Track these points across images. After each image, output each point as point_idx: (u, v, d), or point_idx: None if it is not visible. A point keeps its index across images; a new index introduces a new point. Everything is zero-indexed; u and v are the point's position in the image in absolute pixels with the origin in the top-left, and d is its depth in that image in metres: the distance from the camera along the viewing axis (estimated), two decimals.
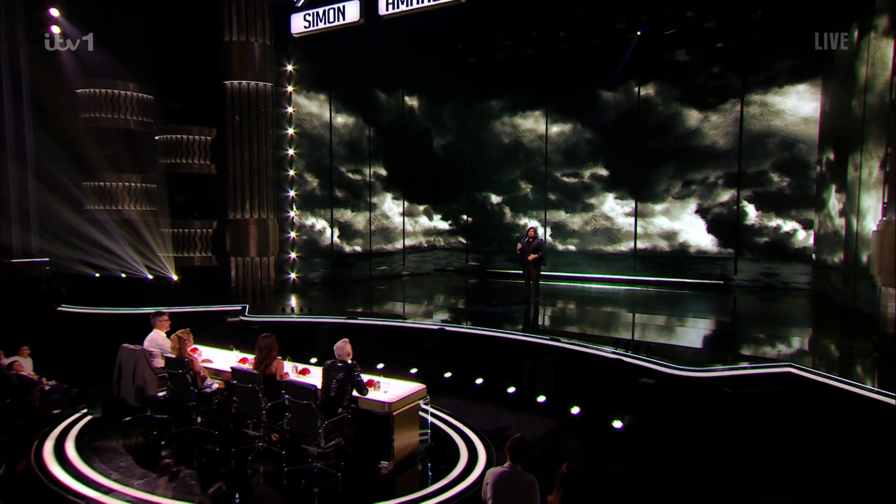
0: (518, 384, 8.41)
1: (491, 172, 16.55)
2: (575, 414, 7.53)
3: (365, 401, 6.09)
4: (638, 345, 7.93)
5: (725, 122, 13.54)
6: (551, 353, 8.30)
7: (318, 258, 14.59)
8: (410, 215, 16.97)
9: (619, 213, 14.95)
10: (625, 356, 7.66)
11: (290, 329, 10.18)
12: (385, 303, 12.24)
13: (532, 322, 10.17)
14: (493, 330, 9.24)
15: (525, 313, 10.81)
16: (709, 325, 9.99)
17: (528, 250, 11.20)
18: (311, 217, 14.48)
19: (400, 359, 9.41)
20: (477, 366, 8.87)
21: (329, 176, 14.71)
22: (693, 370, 7.03)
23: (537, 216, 16.03)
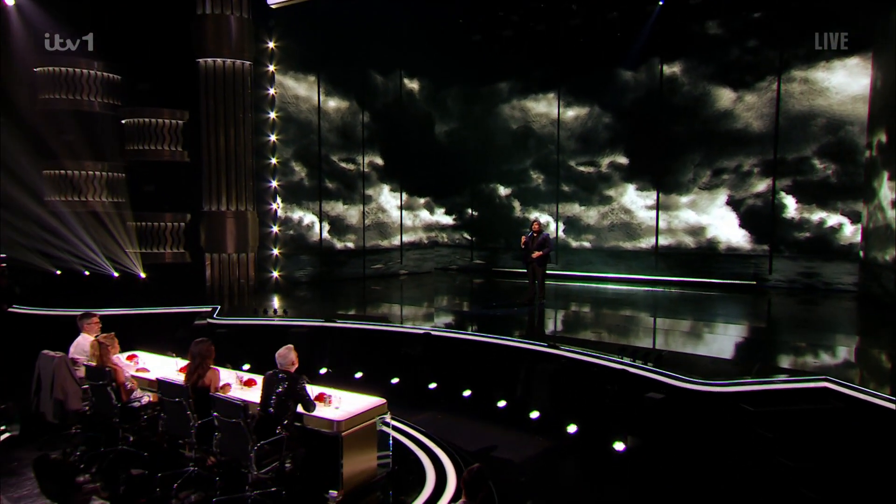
0: (510, 397, 7.97)
1: (499, 162, 16.33)
2: (571, 433, 7.09)
3: (311, 418, 5.49)
4: (647, 353, 7.38)
5: (762, 102, 13.09)
6: (549, 362, 7.84)
7: (306, 255, 14.36)
8: (409, 209, 16.76)
9: (639, 206, 14.61)
10: (630, 366, 7.13)
11: (261, 333, 9.93)
12: (379, 304, 11.97)
13: (535, 326, 9.86)
14: (484, 335, 8.83)
15: (527, 316, 10.50)
16: (736, 331, 9.52)
17: (532, 246, 10.89)
18: (298, 210, 14.26)
19: (380, 367, 9.14)
20: (465, 376, 8.50)
21: (318, 165, 14.41)
22: (709, 384, 6.46)
23: (549, 209, 15.77)
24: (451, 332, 9.15)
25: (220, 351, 8.82)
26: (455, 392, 8.41)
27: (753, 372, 6.82)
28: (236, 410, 5.01)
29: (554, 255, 14.90)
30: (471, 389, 8.34)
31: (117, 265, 12.09)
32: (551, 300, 11.91)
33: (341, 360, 9.39)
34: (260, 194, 13.31)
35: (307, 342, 9.52)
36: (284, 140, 13.81)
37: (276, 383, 5.46)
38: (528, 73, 15.69)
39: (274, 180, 13.57)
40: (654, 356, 7.30)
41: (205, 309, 10.80)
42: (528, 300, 11.10)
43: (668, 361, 7.21)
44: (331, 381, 8.54)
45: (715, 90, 13.60)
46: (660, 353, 7.44)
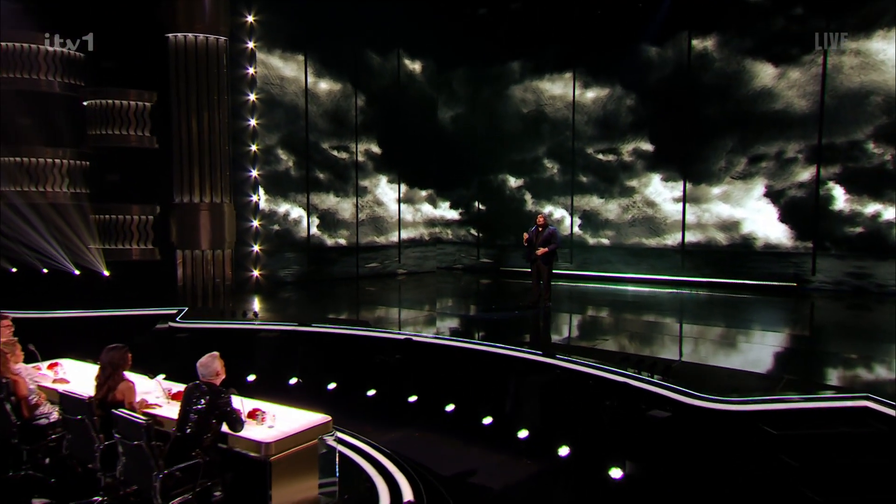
0: (497, 413, 7.62)
1: (509, 150, 16.14)
2: (563, 456, 6.68)
3: (237, 440, 4.96)
4: (653, 364, 6.90)
5: (806, 78, 12.66)
6: (542, 372, 7.47)
7: (292, 252, 14.20)
8: (410, 202, 16.65)
9: (665, 199, 14.32)
10: (633, 379, 6.65)
11: (226, 338, 9.63)
12: (374, 307, 11.79)
13: (535, 332, 9.67)
14: (472, 342, 8.54)
15: (529, 321, 10.27)
16: (770, 339, 9.09)
17: (536, 242, 10.61)
18: (284, 203, 14.09)
19: (356, 378, 8.87)
20: (449, 387, 8.18)
21: (305, 153, 14.20)
22: (724, 401, 5.94)
23: (564, 202, 15.50)
24: (434, 337, 8.82)
25: (179, 359, 9.02)
26: (437, 406, 8.09)
27: (779, 387, 6.33)
28: (138, 430, 4.50)
29: (568, 254, 14.98)
30: (454, 403, 8.01)
31: (78, 262, 11.75)
32: (561, 303, 11.76)
33: (313, 369, 9.08)
34: (238, 185, 13.11)
35: (277, 349, 9.30)
36: (267, 125, 13.59)
37: (195, 397, 4.95)
38: (540, 50, 15.45)
39: (254, 169, 13.37)
40: (661, 367, 6.80)
41: (170, 311, 10.49)
42: (531, 303, 10.90)
43: (678, 374, 6.77)
44: (300, 393, 8.68)
45: (752, 66, 13.17)
46: (668, 363, 6.96)
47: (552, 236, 10.58)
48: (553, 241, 10.57)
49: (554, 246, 10.60)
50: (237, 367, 8.76)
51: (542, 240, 10.57)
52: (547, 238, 10.58)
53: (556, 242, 10.62)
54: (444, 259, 17.26)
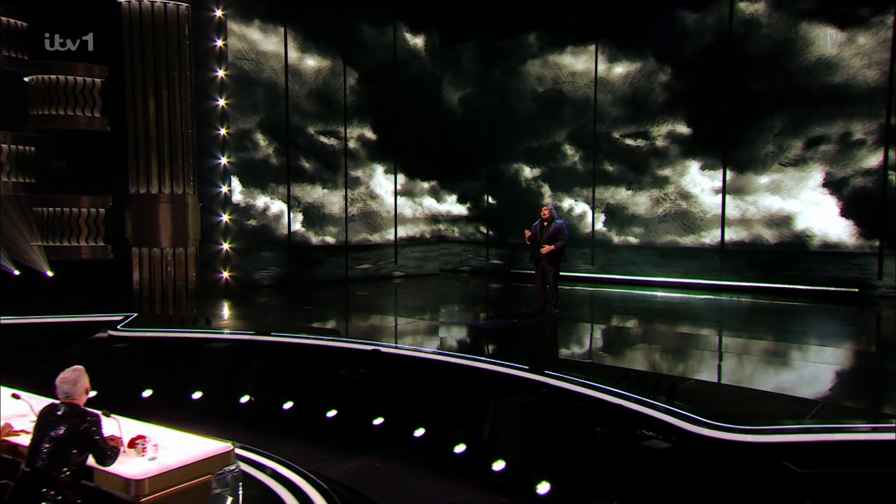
0: (473, 439, 7.28)
1: (524, 135, 16.03)
2: (542, 494, 6.27)
3: (105, 475, 4.45)
4: (656, 382, 6.39)
5: (874, 44, 12.16)
6: (525, 392, 7.07)
7: (269, 251, 14.10)
8: (409, 195, 16.61)
9: (704, 189, 13.98)
10: (630, 400, 6.15)
11: (172, 348, 9.44)
12: (360, 314, 11.71)
13: (533, 344, 9.50)
14: (446, 354, 8.21)
15: (529, 331, 10.12)
16: (819, 355, 8.58)
17: (540, 238, 10.27)
18: (263, 195, 13.99)
19: (316, 395, 8.63)
20: (420, 408, 7.92)
21: (285, 138, 14.14)
22: (738, 430, 5.39)
23: (588, 195, 15.29)
24: (405, 349, 8.53)
25: (116, 373, 8.91)
26: (406, 430, 7.83)
27: (810, 414, 5.73)
28: None
29: (589, 254, 15.07)
30: (425, 427, 7.73)
31: (18, 261, 11.66)
32: (576, 310, 11.70)
33: (269, 385, 8.84)
34: (205, 174, 12.95)
35: (229, 361, 9.03)
36: (239, 106, 13.45)
37: (51, 422, 4.44)
38: (560, 20, 15.29)
39: (224, 156, 13.22)
40: (666, 386, 6.24)
41: (115, 318, 10.24)
42: (535, 309, 10.58)
43: (688, 395, 6.27)
44: (253, 413, 8.59)
45: (808, 31, 12.74)
46: (674, 383, 6.40)
47: (559, 232, 10.18)
48: (560, 238, 10.16)
49: (561, 243, 10.17)
50: (181, 384, 8.95)
51: (547, 236, 10.19)
52: (553, 234, 10.17)
53: (563, 239, 10.18)
54: (449, 260, 17.26)
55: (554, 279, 10.40)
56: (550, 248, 10.13)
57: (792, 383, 7.17)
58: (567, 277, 14.13)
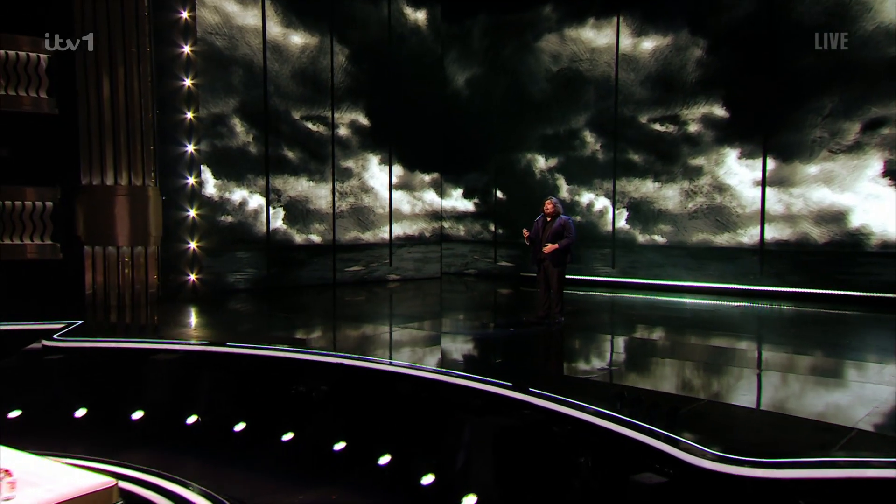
0: (443, 468, 6.98)
1: (538, 121, 16.12)
2: None
3: None
4: (655, 404, 6.14)
5: None
6: (506, 413, 6.86)
7: (245, 251, 14.22)
8: (407, 189, 16.67)
9: (743, 181, 13.88)
10: (621, 424, 5.81)
11: (112, 361, 9.21)
12: (343, 323, 11.73)
13: (525, 358, 9.34)
14: (421, 368, 8.04)
15: (526, 342, 9.98)
16: (867, 373, 8.23)
17: (543, 236, 10.26)
18: (240, 188, 14.11)
19: (272, 416, 8.35)
20: (388, 430, 7.67)
21: (263, 125, 14.26)
22: (746, 462, 4.99)
23: (608, 189, 15.43)
24: (375, 362, 8.38)
25: (46, 389, 8.69)
26: (369, 456, 7.54)
27: (839, 444, 5.32)
28: None
29: (609, 255, 15.16)
30: (391, 454, 7.44)
31: None
32: (589, 318, 11.80)
33: (220, 404, 8.59)
34: (168, 163, 12.95)
35: (175, 375, 8.83)
36: (212, 87, 13.52)
37: None
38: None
39: (191, 144, 13.20)
40: (667, 408, 5.96)
41: (56, 325, 10.06)
42: (538, 317, 10.51)
43: (694, 418, 5.94)
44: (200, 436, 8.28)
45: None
46: (677, 404, 6.10)
47: (564, 228, 10.11)
48: (566, 235, 10.09)
49: (567, 241, 10.09)
50: (121, 401, 8.68)
51: (550, 233, 10.14)
52: (557, 231, 10.09)
53: (569, 237, 10.11)
54: (452, 262, 17.37)
55: (558, 283, 10.28)
56: (554, 246, 10.03)
57: (829, 407, 6.78)
58: (583, 282, 14.79)
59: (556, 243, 10.02)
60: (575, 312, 11.77)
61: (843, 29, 12.49)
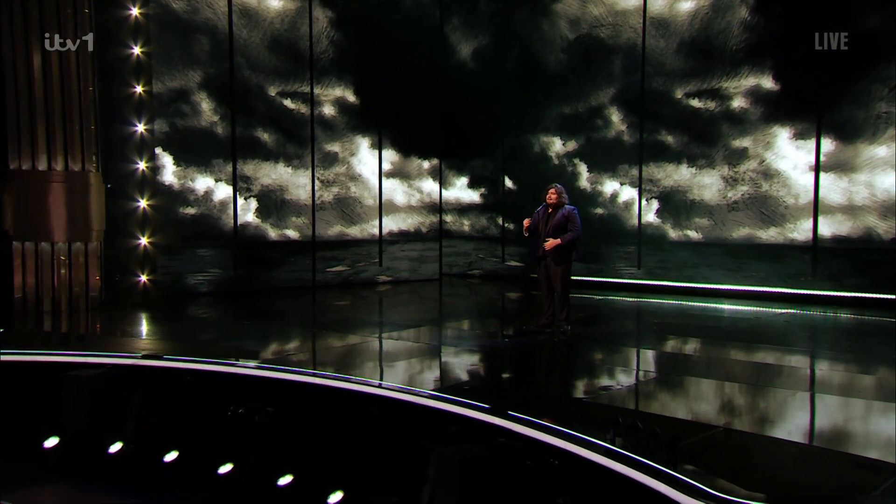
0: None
1: (554, 98, 16.15)
2: None
3: None
4: (652, 433, 5.89)
5: None
6: (481, 441, 6.66)
7: (209, 249, 14.21)
8: (402, 177, 16.63)
9: (797, 166, 13.76)
10: (609, 457, 5.60)
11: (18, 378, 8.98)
12: (313, 332, 11.65)
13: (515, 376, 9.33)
14: (380, 387, 8.02)
15: (524, 356, 9.91)
16: None
17: (544, 230, 10.26)
18: (203, 176, 14.05)
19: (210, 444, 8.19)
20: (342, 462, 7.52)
21: (231, 102, 14.17)
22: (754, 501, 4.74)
23: (632, 178, 15.35)
24: (331, 378, 8.26)
25: None
26: (319, 493, 7.38)
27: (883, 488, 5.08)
28: None
29: (634, 254, 15.09)
30: (343, 490, 7.31)
31: None
32: (606, 326, 11.85)
33: (150, 428, 8.44)
34: (114, 145, 12.81)
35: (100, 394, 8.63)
36: (168, 57, 13.46)
37: None
38: None
39: (141, 123, 13.09)
40: (666, 439, 5.74)
41: None
42: (541, 326, 10.51)
43: (704, 450, 5.79)
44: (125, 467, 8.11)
45: None
46: (678, 433, 5.88)
47: (569, 220, 10.10)
48: (570, 229, 10.09)
49: (571, 235, 10.08)
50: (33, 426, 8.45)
51: (552, 226, 10.13)
52: (560, 224, 10.07)
53: (574, 230, 10.12)
54: (454, 261, 17.46)
55: (563, 284, 10.25)
56: (556, 242, 10.03)
57: (881, 440, 6.49)
58: (603, 284, 15.02)
59: (558, 238, 9.98)
60: (588, 320, 11.71)
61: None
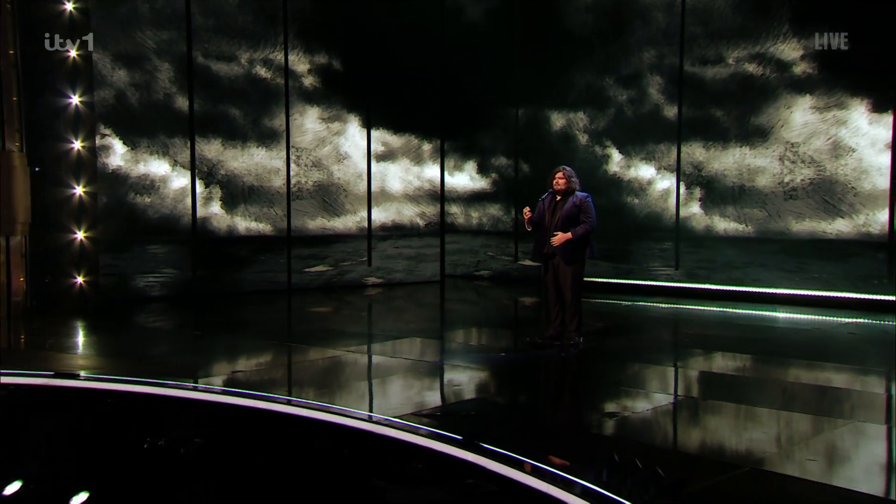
0: None
1: (576, 66, 16.37)
2: None
3: None
4: (653, 475, 5.62)
5: None
6: (449, 479, 6.51)
7: (163, 245, 14.30)
8: (395, 160, 16.88)
9: (871, 145, 13.59)
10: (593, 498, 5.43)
11: None
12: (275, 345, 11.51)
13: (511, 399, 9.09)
14: (333, 412, 7.86)
15: (521, 375, 9.71)
16: None
17: (551, 222, 10.08)
18: (157, 160, 14.10)
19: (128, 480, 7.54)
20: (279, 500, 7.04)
21: (188, 70, 14.26)
22: None
23: (669, 162, 15.39)
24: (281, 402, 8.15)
25: None
26: None
27: None
28: None
29: (671, 251, 15.16)
30: None
31: None
32: (631, 338, 11.74)
33: (59, 463, 8.06)
34: (42, 121, 12.90)
35: None
36: (111, 16, 13.44)
37: None
38: None
39: (76, 94, 13.04)
40: (670, 482, 5.53)
41: None
42: (547, 339, 10.30)
43: (723, 495, 5.65)
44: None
45: None
46: (683, 476, 5.69)
47: (581, 210, 9.90)
48: (584, 221, 9.87)
49: (584, 228, 9.86)
50: None
51: (561, 217, 9.91)
52: (570, 214, 9.87)
53: (588, 222, 9.90)
54: (458, 260, 17.79)
55: (573, 288, 9.98)
56: (566, 236, 9.79)
57: None
58: (633, 288, 15.12)
59: (568, 232, 9.75)
60: (609, 330, 11.65)
61: None
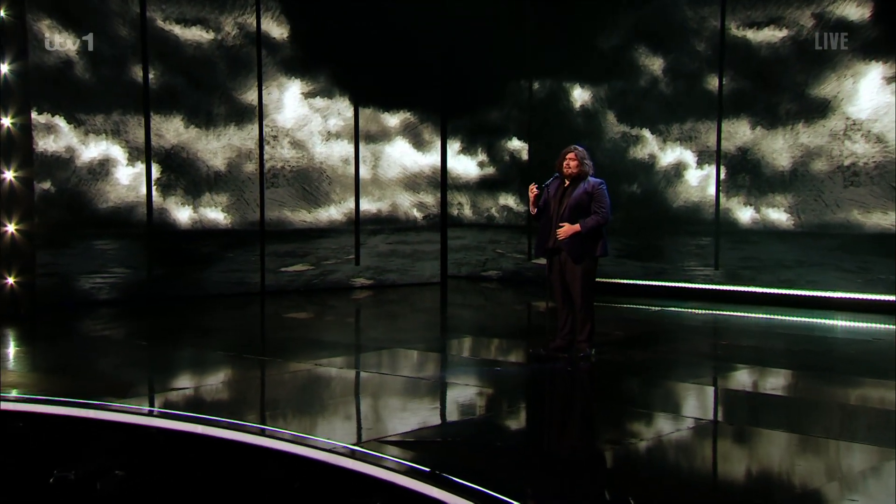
0: None
1: (597, 30, 16.53)
2: None
3: None
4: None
5: None
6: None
7: (113, 240, 14.32)
8: (387, 140, 17.04)
9: None
10: None
11: None
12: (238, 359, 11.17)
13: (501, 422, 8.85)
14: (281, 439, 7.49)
15: (517, 393, 9.69)
16: None
17: (557, 211, 9.97)
18: (102, 137, 14.10)
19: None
20: None
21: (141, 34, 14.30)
22: None
23: (709, 144, 15.36)
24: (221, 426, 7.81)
25: None
26: None
27: None
28: None
29: (710, 249, 15.30)
30: None
31: None
32: (655, 349, 11.62)
33: None
34: None
35: None
36: None
37: None
38: None
39: (4, 62, 13.05)
40: None
41: None
42: (553, 350, 10.21)
43: None
44: None
45: None
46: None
47: (593, 198, 9.76)
48: (596, 211, 9.75)
49: (595, 220, 9.73)
50: None
51: (569, 206, 9.77)
52: (581, 202, 9.74)
53: (601, 213, 9.78)
54: (463, 258, 18.10)
55: (584, 290, 9.81)
56: (575, 228, 9.62)
57: None
58: (665, 290, 15.17)
59: (577, 223, 9.56)
60: (630, 340, 11.57)
61: None
